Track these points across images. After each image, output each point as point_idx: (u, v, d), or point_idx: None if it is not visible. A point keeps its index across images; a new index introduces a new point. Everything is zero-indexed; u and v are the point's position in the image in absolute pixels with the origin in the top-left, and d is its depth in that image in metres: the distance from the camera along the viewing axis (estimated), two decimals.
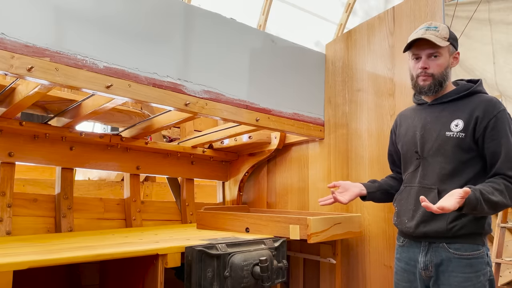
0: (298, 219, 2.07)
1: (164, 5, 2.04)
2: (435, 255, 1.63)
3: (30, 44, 1.61)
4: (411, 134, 1.78)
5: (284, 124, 2.52)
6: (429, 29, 1.64)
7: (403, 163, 1.84)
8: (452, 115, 1.65)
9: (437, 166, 1.65)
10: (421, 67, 1.66)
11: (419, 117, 1.77)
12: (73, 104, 2.34)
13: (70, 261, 1.51)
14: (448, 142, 1.63)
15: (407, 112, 1.90)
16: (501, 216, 3.45)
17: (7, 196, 2.34)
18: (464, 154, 1.61)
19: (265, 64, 2.45)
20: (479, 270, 1.58)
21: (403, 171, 1.84)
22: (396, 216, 1.80)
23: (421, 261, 1.67)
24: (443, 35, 1.64)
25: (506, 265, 3.88)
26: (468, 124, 1.60)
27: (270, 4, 6.10)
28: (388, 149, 2.00)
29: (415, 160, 1.74)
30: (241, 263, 1.80)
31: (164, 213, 3.13)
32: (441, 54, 1.65)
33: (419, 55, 1.68)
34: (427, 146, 1.69)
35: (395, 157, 1.95)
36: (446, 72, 1.67)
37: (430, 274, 1.64)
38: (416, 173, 1.72)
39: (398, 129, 1.90)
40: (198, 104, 2.11)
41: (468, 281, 1.56)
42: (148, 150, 2.92)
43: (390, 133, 1.99)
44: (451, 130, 1.63)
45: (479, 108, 1.60)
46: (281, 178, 3.11)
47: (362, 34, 2.61)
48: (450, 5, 5.62)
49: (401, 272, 1.77)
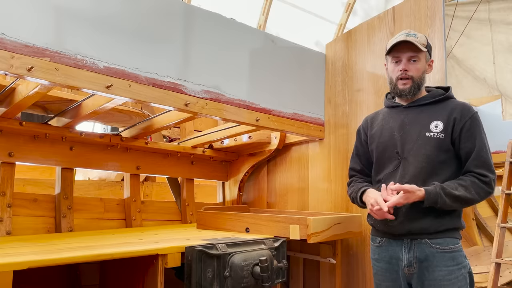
0: (298, 219, 2.07)
1: (164, 5, 2.04)
2: (418, 251, 1.68)
3: (30, 44, 1.61)
4: (388, 135, 1.82)
5: (284, 124, 2.52)
6: (409, 35, 1.75)
7: (378, 163, 1.86)
8: (430, 116, 1.74)
9: (418, 166, 1.70)
10: (402, 69, 1.75)
11: (395, 119, 1.82)
12: (73, 104, 2.34)
13: (70, 261, 1.51)
14: (429, 142, 1.70)
15: (377, 115, 1.95)
16: (501, 216, 3.44)
17: (7, 196, 2.34)
18: (443, 154, 1.69)
19: (265, 64, 2.46)
20: (460, 263, 1.66)
21: (377, 171, 1.86)
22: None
23: (405, 258, 1.70)
24: (421, 42, 1.75)
25: (506, 265, 3.88)
26: (447, 125, 1.70)
27: (270, 4, 6.10)
28: (355, 149, 2.01)
29: (395, 160, 1.77)
30: (241, 263, 1.80)
31: (164, 213, 3.13)
32: (419, 59, 1.76)
33: (399, 58, 1.77)
34: (407, 147, 1.74)
35: (362, 158, 1.96)
36: (423, 76, 1.79)
37: (414, 270, 1.68)
38: (396, 173, 1.76)
39: (369, 131, 1.93)
40: (198, 104, 2.11)
41: (452, 274, 1.63)
42: (148, 150, 2.92)
43: (358, 133, 2.00)
44: (431, 131, 1.71)
45: (456, 110, 1.71)
46: (281, 178, 3.11)
47: (362, 34, 2.61)
48: (450, 5, 5.63)
49: (382, 272, 1.79)
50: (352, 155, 2.03)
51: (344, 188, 2.60)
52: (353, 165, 2.01)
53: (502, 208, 3.46)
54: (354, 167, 2.00)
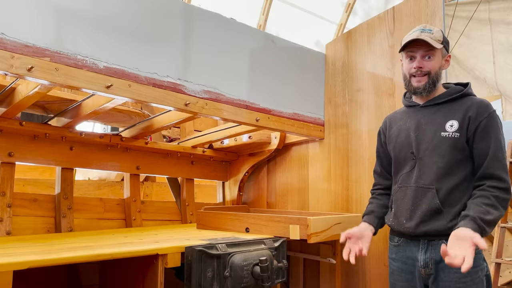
0: (298, 219, 2.07)
1: (164, 5, 2.04)
2: (435, 252, 1.64)
3: (30, 44, 1.61)
4: (405, 135, 1.80)
5: (284, 124, 2.52)
6: (423, 31, 1.69)
7: (396, 164, 1.85)
8: (446, 116, 1.69)
9: (433, 166, 1.67)
10: (416, 66, 1.70)
11: (412, 119, 1.80)
12: (73, 104, 2.34)
13: (70, 261, 1.51)
14: (444, 142, 1.66)
15: (396, 115, 1.92)
16: None
17: (7, 196, 2.34)
18: (458, 153, 1.64)
19: (265, 64, 2.45)
20: (478, 266, 1.60)
21: (395, 172, 1.85)
22: (392, 217, 1.80)
23: (421, 259, 1.67)
24: (437, 37, 1.69)
25: (506, 265, 3.88)
26: (462, 124, 1.64)
27: (270, 4, 6.10)
28: (377, 151, 2.00)
29: (410, 161, 1.75)
30: (241, 263, 1.80)
31: (164, 213, 3.13)
32: (434, 55, 1.70)
33: (414, 55, 1.72)
34: (422, 147, 1.72)
35: (383, 159, 1.95)
36: (439, 72, 1.73)
37: (430, 271, 1.65)
38: (412, 174, 1.73)
39: (388, 131, 1.91)
40: (198, 104, 2.11)
41: (468, 277, 1.58)
42: (148, 150, 2.92)
43: (378, 135, 1.99)
44: (446, 131, 1.66)
45: (472, 109, 1.65)
46: (281, 178, 3.11)
47: (362, 34, 2.61)
48: (450, 5, 5.63)
49: (399, 272, 1.77)
50: (376, 156, 2.01)
51: (344, 188, 2.60)
52: (375, 168, 2.01)
53: None
54: (376, 169, 2.00)
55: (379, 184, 1.98)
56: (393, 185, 1.87)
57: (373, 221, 1.88)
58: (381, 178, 1.97)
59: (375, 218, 1.88)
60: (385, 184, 1.95)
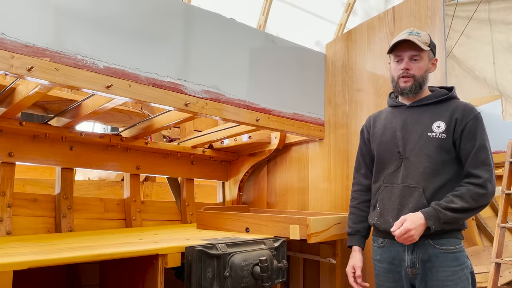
0: (298, 219, 2.07)
1: (164, 5, 2.04)
2: (422, 252, 1.67)
3: (30, 44, 1.61)
4: (390, 134, 1.81)
5: (284, 124, 2.52)
6: (411, 34, 1.74)
7: (379, 163, 1.85)
8: (433, 117, 1.73)
9: (420, 166, 1.70)
10: (403, 68, 1.75)
11: (397, 118, 1.82)
12: (73, 104, 2.34)
13: (70, 261, 1.51)
14: (431, 143, 1.70)
15: (380, 114, 1.94)
16: (501, 216, 3.44)
17: (7, 196, 2.34)
18: (445, 154, 1.69)
19: (265, 64, 2.45)
20: (463, 263, 1.66)
21: (379, 171, 1.85)
22: (378, 216, 1.80)
23: (408, 259, 1.69)
24: (424, 40, 1.74)
25: (506, 265, 3.88)
26: (449, 126, 1.69)
27: (270, 4, 6.10)
28: (359, 149, 2.00)
29: (396, 160, 1.77)
30: (241, 263, 1.80)
31: (164, 213, 3.13)
32: (421, 57, 1.75)
33: (401, 57, 1.77)
34: (409, 146, 1.74)
35: (366, 157, 1.96)
36: (426, 75, 1.78)
37: (417, 271, 1.67)
38: (398, 173, 1.75)
39: (372, 129, 1.93)
40: (198, 104, 2.11)
41: (455, 275, 1.63)
42: (148, 150, 2.92)
43: (361, 132, 2.00)
44: (433, 131, 1.70)
45: (458, 111, 1.70)
46: (281, 178, 3.11)
47: (362, 34, 2.61)
48: (450, 5, 5.63)
49: (385, 273, 1.78)
50: (357, 156, 2.01)
51: (344, 188, 2.60)
52: (356, 166, 2.00)
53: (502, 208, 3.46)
54: (357, 168, 2.00)
55: (360, 185, 1.98)
56: (374, 182, 1.88)
57: (362, 242, 1.93)
58: (362, 177, 1.97)
59: (361, 237, 1.93)
60: (365, 184, 1.95)
